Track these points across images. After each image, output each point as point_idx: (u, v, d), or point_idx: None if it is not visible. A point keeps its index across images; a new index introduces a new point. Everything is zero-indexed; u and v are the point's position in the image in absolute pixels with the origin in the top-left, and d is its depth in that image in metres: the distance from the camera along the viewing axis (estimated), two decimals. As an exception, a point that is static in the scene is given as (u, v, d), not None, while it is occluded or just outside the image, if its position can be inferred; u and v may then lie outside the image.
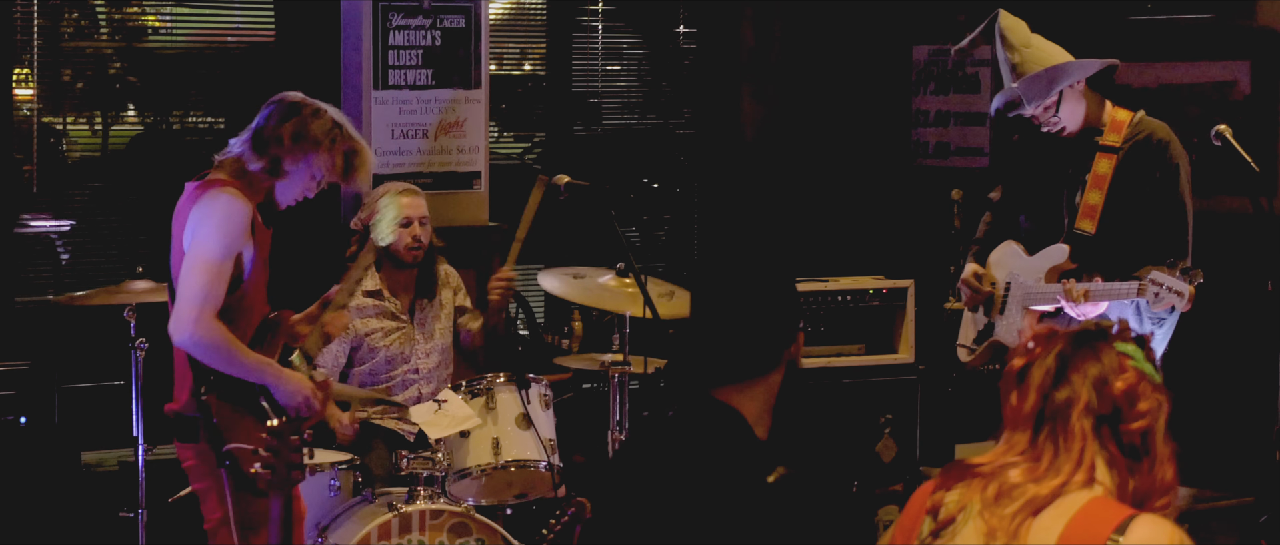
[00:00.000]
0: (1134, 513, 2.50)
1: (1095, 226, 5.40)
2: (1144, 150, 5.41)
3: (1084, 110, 5.43)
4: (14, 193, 6.93)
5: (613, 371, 5.90)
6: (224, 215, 4.61)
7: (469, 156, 7.45)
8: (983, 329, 5.71)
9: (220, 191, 4.65)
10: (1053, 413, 2.60)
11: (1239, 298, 6.90)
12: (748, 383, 3.12)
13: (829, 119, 8.60)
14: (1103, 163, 5.43)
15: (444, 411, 5.66)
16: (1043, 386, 2.61)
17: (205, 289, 4.57)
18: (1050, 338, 2.66)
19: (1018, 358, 2.67)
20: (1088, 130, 5.47)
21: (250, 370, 4.65)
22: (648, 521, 3.08)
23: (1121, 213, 5.39)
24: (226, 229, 4.60)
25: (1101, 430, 2.58)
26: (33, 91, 7.00)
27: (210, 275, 4.58)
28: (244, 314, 4.70)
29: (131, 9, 7.40)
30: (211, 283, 4.58)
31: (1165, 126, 5.46)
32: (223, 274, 4.60)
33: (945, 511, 2.64)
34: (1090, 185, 5.44)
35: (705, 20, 8.61)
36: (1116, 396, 2.59)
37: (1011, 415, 2.65)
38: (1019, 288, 5.54)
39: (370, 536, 5.24)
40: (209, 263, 4.59)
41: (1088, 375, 2.60)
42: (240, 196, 4.65)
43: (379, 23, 7.19)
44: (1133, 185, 5.40)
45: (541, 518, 5.89)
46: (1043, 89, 5.34)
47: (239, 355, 4.62)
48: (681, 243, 8.73)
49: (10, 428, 6.22)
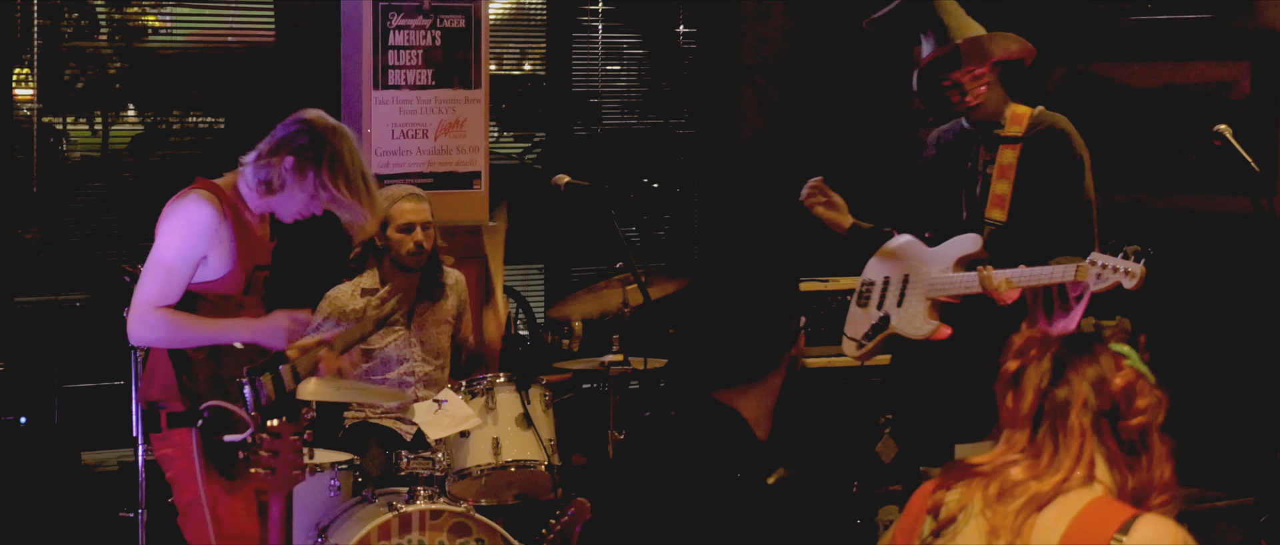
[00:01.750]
0: (1137, 512, 2.50)
1: (1006, 215, 5.40)
2: (1046, 141, 5.38)
3: (997, 95, 5.43)
4: (14, 193, 6.93)
5: (613, 371, 5.91)
6: (181, 218, 4.67)
7: (469, 156, 7.45)
8: (876, 323, 5.67)
9: (190, 194, 4.70)
10: (1052, 410, 2.60)
11: (1239, 298, 6.91)
12: (749, 384, 3.12)
13: (829, 119, 8.60)
14: (1007, 153, 5.41)
15: (444, 411, 5.66)
16: (1040, 387, 2.62)
17: (150, 291, 4.64)
18: (1043, 341, 2.66)
19: (1012, 361, 2.67)
20: (988, 122, 5.45)
21: (217, 333, 4.69)
22: (649, 522, 3.08)
23: (1029, 202, 5.38)
24: (181, 231, 4.66)
25: (1100, 426, 2.59)
26: (33, 91, 7.00)
27: (155, 275, 4.66)
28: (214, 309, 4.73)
29: (131, 9, 7.40)
30: (155, 282, 4.65)
31: (1066, 120, 5.45)
32: (173, 274, 4.65)
33: (946, 511, 2.64)
34: (997, 176, 5.42)
35: (705, 20, 8.61)
36: (1115, 393, 2.59)
37: (1009, 416, 2.65)
38: (920, 279, 5.51)
39: (370, 536, 5.24)
40: (156, 263, 4.67)
41: (1086, 376, 2.60)
42: (211, 200, 4.68)
43: (379, 23, 7.19)
44: (1037, 176, 5.37)
45: (541, 518, 5.89)
46: (979, 56, 5.34)
47: (195, 328, 4.66)
48: (681, 243, 8.73)
49: (10, 428, 6.22)
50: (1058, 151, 5.38)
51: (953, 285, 5.38)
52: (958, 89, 5.40)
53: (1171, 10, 7.57)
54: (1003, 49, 5.41)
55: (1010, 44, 5.43)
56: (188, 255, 4.65)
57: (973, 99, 5.41)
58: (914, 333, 5.52)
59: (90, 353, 6.75)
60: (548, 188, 5.81)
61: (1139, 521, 2.48)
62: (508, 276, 7.76)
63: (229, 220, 4.71)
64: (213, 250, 4.68)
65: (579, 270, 8.29)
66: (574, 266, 8.34)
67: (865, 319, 5.70)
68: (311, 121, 4.76)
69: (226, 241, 4.69)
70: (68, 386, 6.60)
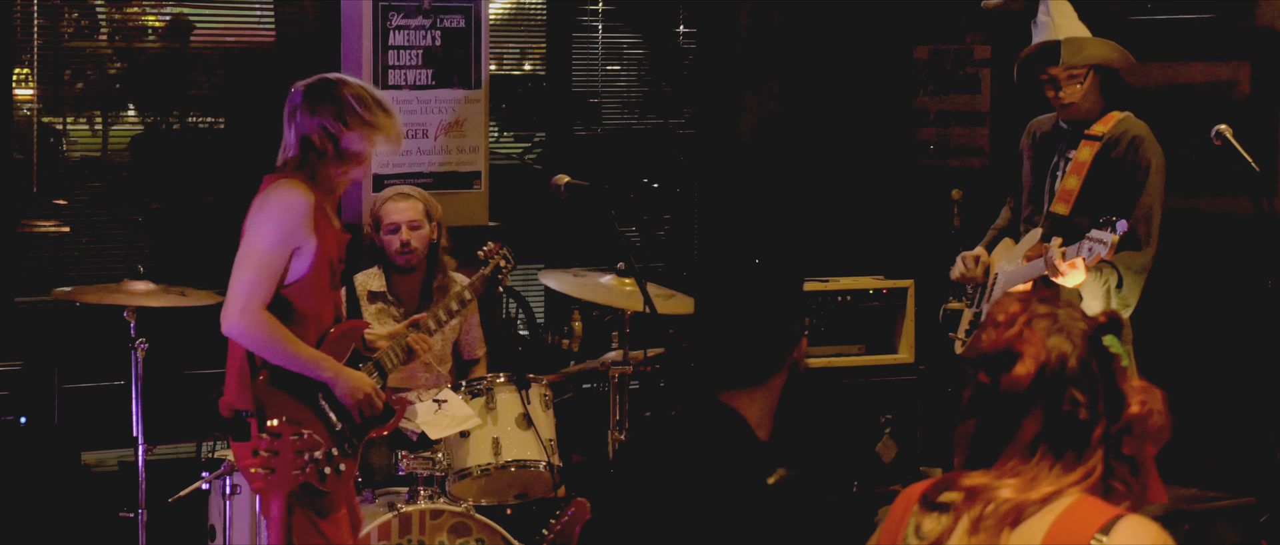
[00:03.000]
0: (1119, 513, 2.50)
1: (1069, 209, 5.48)
2: (1121, 142, 5.50)
3: (1092, 98, 5.52)
4: (14, 192, 6.92)
5: (613, 371, 5.91)
6: (280, 205, 4.58)
7: (469, 156, 7.45)
8: (973, 319, 5.77)
9: (281, 182, 4.61)
10: (1066, 429, 2.59)
11: (1239, 298, 6.90)
12: (751, 386, 3.12)
13: (829, 119, 8.60)
14: (1084, 150, 5.52)
15: (444, 411, 5.66)
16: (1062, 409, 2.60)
17: (251, 279, 4.55)
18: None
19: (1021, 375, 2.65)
20: (1079, 122, 5.55)
21: (304, 364, 4.61)
22: (649, 522, 3.08)
23: (1094, 199, 5.44)
24: (280, 219, 4.57)
25: (1111, 446, 2.58)
26: (33, 91, 7.00)
27: (257, 265, 4.56)
28: (301, 312, 4.65)
29: (131, 9, 7.39)
30: (258, 273, 4.56)
31: (1145, 126, 5.56)
32: (272, 265, 4.56)
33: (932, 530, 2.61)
34: (1069, 171, 5.54)
35: (705, 20, 8.61)
36: (1136, 419, 2.59)
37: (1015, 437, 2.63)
38: (1002, 275, 5.62)
39: (370, 537, 5.24)
40: (257, 252, 4.57)
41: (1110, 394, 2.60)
42: (301, 188, 4.60)
43: (379, 23, 7.19)
44: (1106, 175, 5.47)
45: (541, 518, 5.89)
46: (1076, 53, 5.41)
47: (289, 347, 4.57)
48: (681, 243, 8.72)
49: (10, 428, 6.21)
50: (1129, 152, 5.48)
51: (1022, 274, 5.46)
52: (1053, 84, 5.50)
53: (1171, 10, 7.57)
54: (1102, 55, 5.52)
55: (1110, 52, 5.55)
56: (285, 243, 4.56)
57: (1067, 97, 5.50)
58: None
59: (90, 353, 6.74)
60: (547, 188, 5.81)
61: (1120, 523, 2.49)
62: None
63: (325, 215, 4.66)
64: (305, 241, 4.58)
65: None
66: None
67: (968, 317, 5.81)
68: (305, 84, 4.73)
69: (319, 234, 4.60)
70: (68, 386, 6.60)
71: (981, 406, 2.60)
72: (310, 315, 4.67)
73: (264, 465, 4.18)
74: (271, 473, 4.35)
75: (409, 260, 6.03)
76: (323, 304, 4.71)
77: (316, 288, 4.66)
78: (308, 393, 4.67)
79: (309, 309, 4.66)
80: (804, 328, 3.21)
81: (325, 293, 4.71)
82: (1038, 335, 2.58)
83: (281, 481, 4.44)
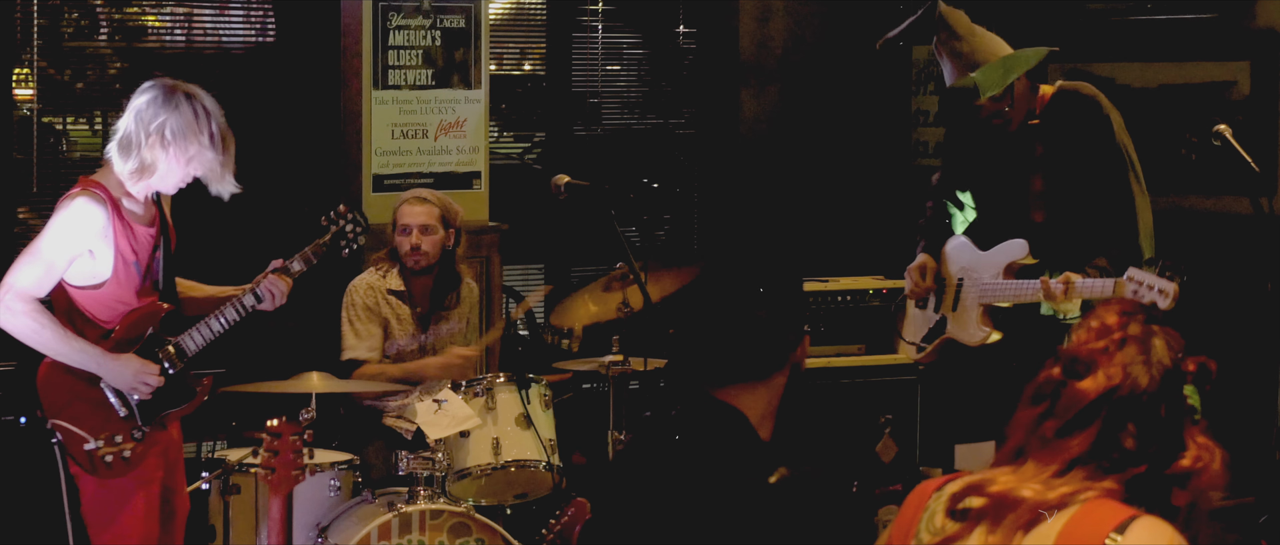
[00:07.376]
0: (1135, 513, 2.49)
1: (1042, 214, 5.36)
2: (1061, 108, 5.32)
3: (1027, 100, 5.36)
4: (14, 192, 6.92)
5: (612, 371, 5.91)
6: (64, 217, 4.77)
7: (469, 156, 7.45)
8: (934, 325, 5.63)
9: (74, 195, 4.80)
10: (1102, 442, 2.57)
11: (1239, 298, 6.90)
12: (752, 384, 3.12)
13: (829, 119, 8.60)
14: (1034, 144, 5.36)
15: (444, 411, 5.66)
16: None
17: (16, 275, 4.75)
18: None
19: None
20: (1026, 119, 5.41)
21: (70, 357, 4.80)
22: (649, 521, 3.08)
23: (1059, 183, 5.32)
24: (63, 229, 4.76)
25: None
26: (33, 91, 7.00)
27: (26, 264, 4.76)
28: (106, 309, 4.82)
29: (131, 9, 7.39)
30: (25, 271, 4.75)
31: (1088, 85, 5.40)
32: (47, 266, 4.74)
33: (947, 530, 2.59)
34: (1032, 171, 5.39)
35: (705, 20, 8.62)
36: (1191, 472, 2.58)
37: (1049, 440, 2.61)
38: (973, 285, 5.46)
39: (370, 536, 5.24)
40: (31, 252, 4.78)
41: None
42: (94, 200, 4.77)
43: (379, 23, 7.19)
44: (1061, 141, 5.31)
45: (541, 518, 5.89)
46: (998, 78, 5.27)
47: (53, 341, 4.77)
48: (682, 243, 8.72)
49: (10, 428, 6.21)
50: (1080, 113, 5.33)
51: (1005, 293, 5.32)
52: (999, 115, 5.33)
53: (1171, 10, 7.57)
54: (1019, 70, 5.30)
55: (1023, 62, 5.32)
56: (66, 251, 4.75)
57: (1004, 119, 5.33)
58: (968, 339, 5.47)
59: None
60: (547, 188, 5.81)
61: (1136, 523, 2.46)
62: (507, 276, 7.78)
63: (125, 218, 4.81)
64: (97, 247, 4.76)
65: (579, 270, 8.29)
66: (574, 266, 8.34)
67: (923, 321, 5.65)
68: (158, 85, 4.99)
69: (120, 239, 4.78)
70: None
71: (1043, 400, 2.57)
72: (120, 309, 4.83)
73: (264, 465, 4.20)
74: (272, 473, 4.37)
75: (418, 262, 6.07)
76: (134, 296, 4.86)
77: (124, 283, 4.83)
78: (89, 382, 4.83)
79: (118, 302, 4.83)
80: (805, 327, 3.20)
81: (133, 288, 4.86)
82: (1121, 357, 2.53)
83: (282, 481, 4.47)
